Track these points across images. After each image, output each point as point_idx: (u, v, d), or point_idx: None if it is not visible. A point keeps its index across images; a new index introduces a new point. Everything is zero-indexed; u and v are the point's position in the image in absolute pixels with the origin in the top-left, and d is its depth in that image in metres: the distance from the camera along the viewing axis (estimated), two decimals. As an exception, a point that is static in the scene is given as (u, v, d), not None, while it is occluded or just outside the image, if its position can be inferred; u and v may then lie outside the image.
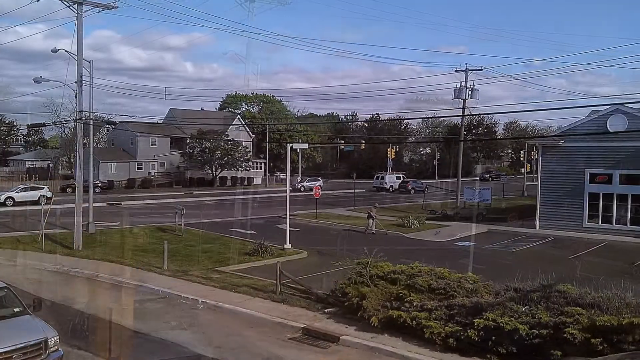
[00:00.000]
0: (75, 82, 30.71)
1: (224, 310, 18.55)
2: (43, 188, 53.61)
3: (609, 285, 14.78)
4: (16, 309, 13.10)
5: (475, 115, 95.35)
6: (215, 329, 16.68)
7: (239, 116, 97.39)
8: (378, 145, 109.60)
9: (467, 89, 51.16)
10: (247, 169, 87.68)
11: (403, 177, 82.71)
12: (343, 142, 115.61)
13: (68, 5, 29.80)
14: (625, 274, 22.33)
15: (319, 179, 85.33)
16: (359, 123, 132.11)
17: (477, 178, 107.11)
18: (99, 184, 68.94)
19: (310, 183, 77.53)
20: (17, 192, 52.98)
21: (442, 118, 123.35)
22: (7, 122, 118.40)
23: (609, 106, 34.34)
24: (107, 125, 78.16)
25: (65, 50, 31.59)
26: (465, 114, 53.99)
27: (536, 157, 50.50)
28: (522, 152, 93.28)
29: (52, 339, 12.28)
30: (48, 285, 22.05)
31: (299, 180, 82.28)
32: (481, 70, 51.75)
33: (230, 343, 15.45)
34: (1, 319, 12.72)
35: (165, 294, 20.48)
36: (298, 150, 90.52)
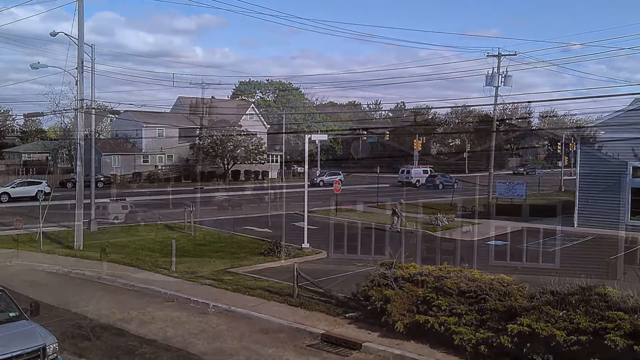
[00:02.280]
0: (76, 68, 30.89)
1: (236, 314, 18.60)
2: (41, 183, 53.95)
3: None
4: (12, 314, 13.11)
5: (509, 103, 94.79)
6: (227, 335, 16.73)
7: (252, 105, 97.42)
8: (403, 136, 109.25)
9: (500, 76, 50.88)
10: (262, 162, 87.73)
11: (430, 170, 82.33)
12: (365, 132, 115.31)
13: (68, -15, 30.03)
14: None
15: (339, 172, 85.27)
16: (383, 112, 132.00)
17: (511, 172, 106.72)
18: (102, 179, 69.45)
19: (329, 177, 77.42)
20: (12, 187, 53.39)
21: (473, 107, 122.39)
22: (2, 111, 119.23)
23: (655, 93, 33.99)
24: (111, 115, 79.00)
25: (65, 34, 31.81)
26: (498, 102, 53.64)
27: (574, 149, 50.07)
28: (559, 144, 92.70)
29: (51, 345, 12.31)
30: (47, 287, 22.23)
31: (317, 175, 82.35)
32: (515, 55, 51.50)
33: (243, 350, 15.49)
34: (-4, 324, 12.74)
35: (173, 297, 20.59)
36: (317, 142, 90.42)
